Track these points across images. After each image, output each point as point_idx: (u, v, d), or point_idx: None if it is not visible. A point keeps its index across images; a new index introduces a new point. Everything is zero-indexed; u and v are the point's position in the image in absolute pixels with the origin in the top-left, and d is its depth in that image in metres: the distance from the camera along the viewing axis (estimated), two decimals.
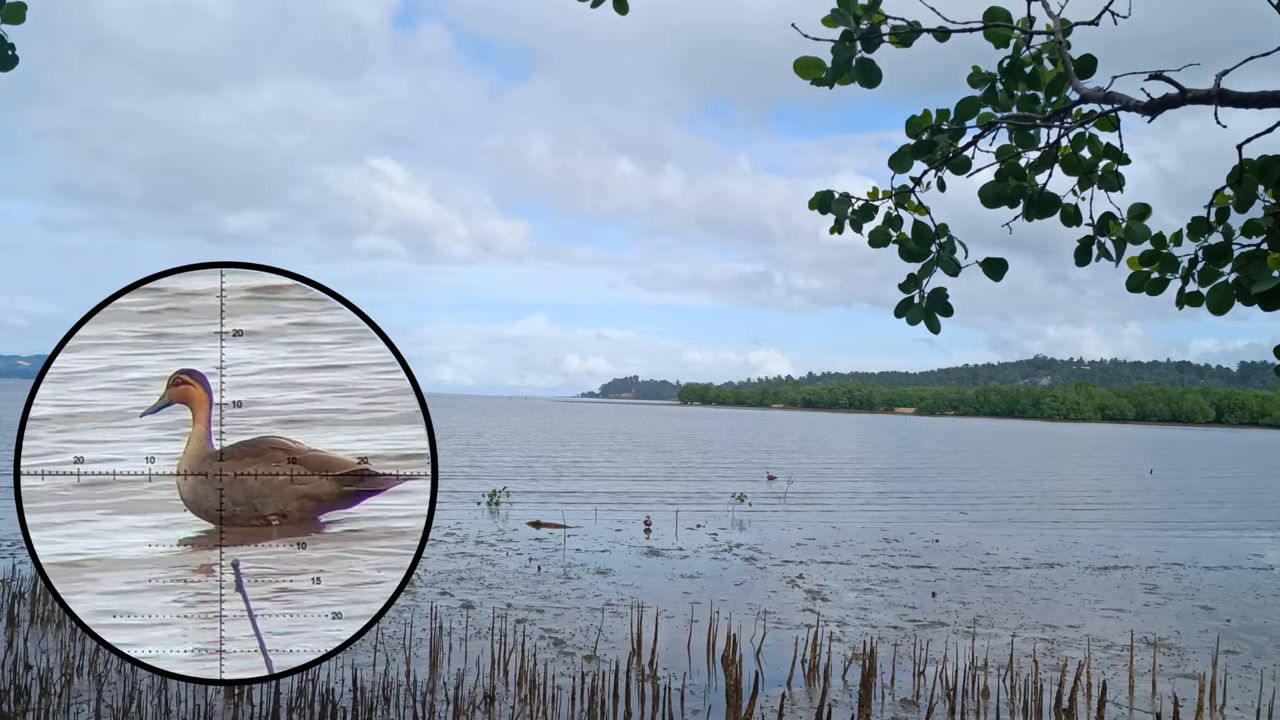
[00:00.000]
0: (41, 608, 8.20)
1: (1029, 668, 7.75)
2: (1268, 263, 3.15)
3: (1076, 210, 3.81)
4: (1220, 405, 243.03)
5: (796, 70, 3.63)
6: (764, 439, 63.44)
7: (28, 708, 5.85)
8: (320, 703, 5.86)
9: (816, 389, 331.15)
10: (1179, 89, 3.36)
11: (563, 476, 27.68)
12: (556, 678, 7.01)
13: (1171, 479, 36.48)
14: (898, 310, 3.80)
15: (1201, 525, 20.80)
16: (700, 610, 9.69)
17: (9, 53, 3.70)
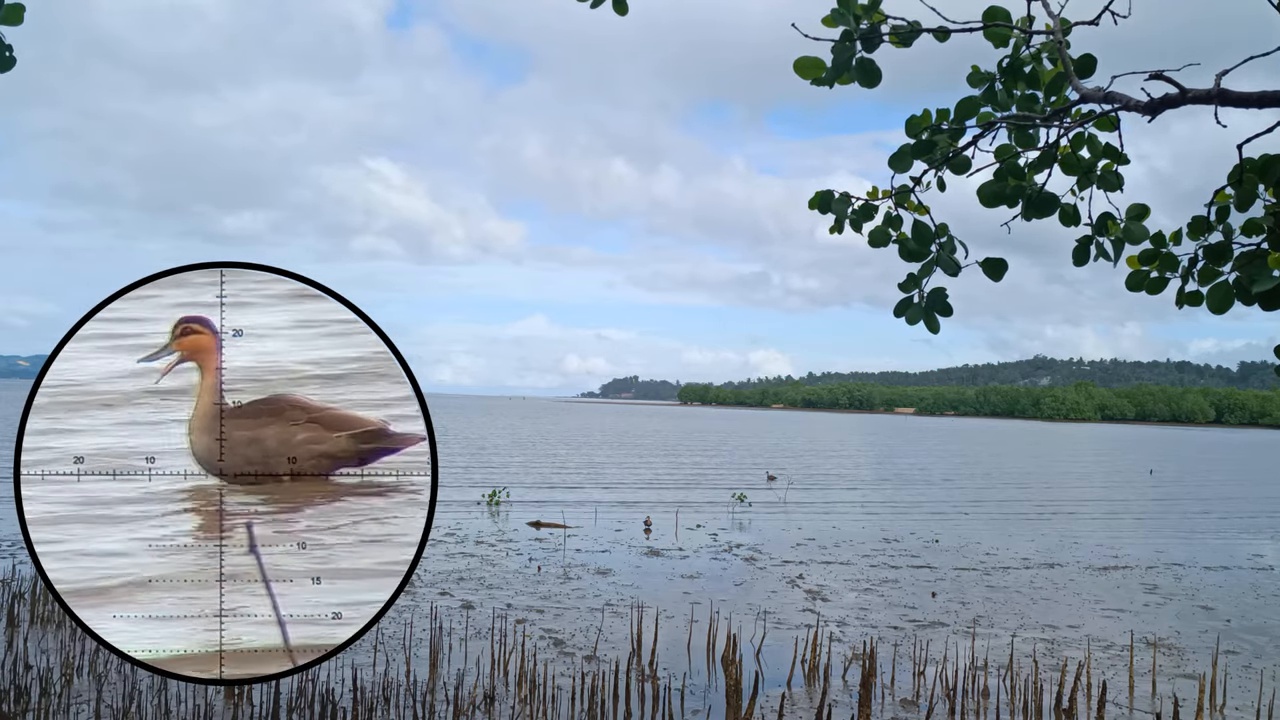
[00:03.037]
0: (41, 608, 8.20)
1: (1029, 668, 7.75)
2: (1268, 262, 3.14)
3: (1075, 210, 3.81)
4: (1220, 405, 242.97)
5: (796, 70, 3.63)
6: (764, 439, 63.42)
7: (28, 708, 5.85)
8: (320, 703, 5.86)
9: (816, 389, 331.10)
10: (1179, 89, 3.36)
11: (562, 477, 27.67)
12: (556, 678, 7.00)
13: (1171, 479, 36.47)
14: (897, 310, 3.80)
15: (1201, 525, 20.80)
16: (700, 610, 9.69)
17: (7, 54, 3.70)
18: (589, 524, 16.83)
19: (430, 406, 3.51)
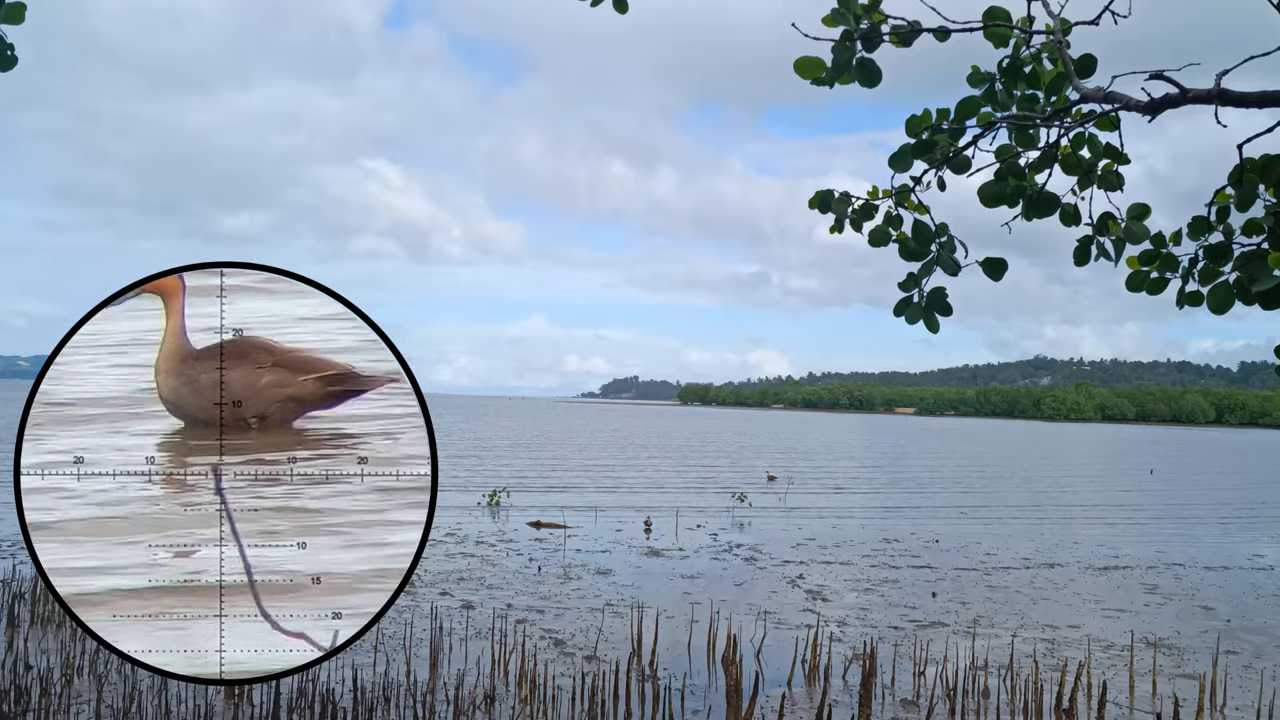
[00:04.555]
0: (41, 608, 8.20)
1: (1029, 668, 7.74)
2: (1268, 262, 3.14)
3: (1076, 210, 3.81)
4: (1220, 405, 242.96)
5: (797, 70, 3.63)
6: (764, 439, 63.41)
7: (28, 708, 5.85)
8: (320, 703, 5.86)
9: (817, 389, 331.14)
10: (1179, 89, 3.36)
11: (563, 477, 27.67)
12: (557, 678, 7.00)
13: (1172, 479, 36.47)
14: (897, 309, 3.80)
15: (1201, 525, 20.80)
16: (700, 610, 9.68)
17: (8, 53, 3.70)
18: (589, 524, 16.83)
19: (430, 407, 3.51)
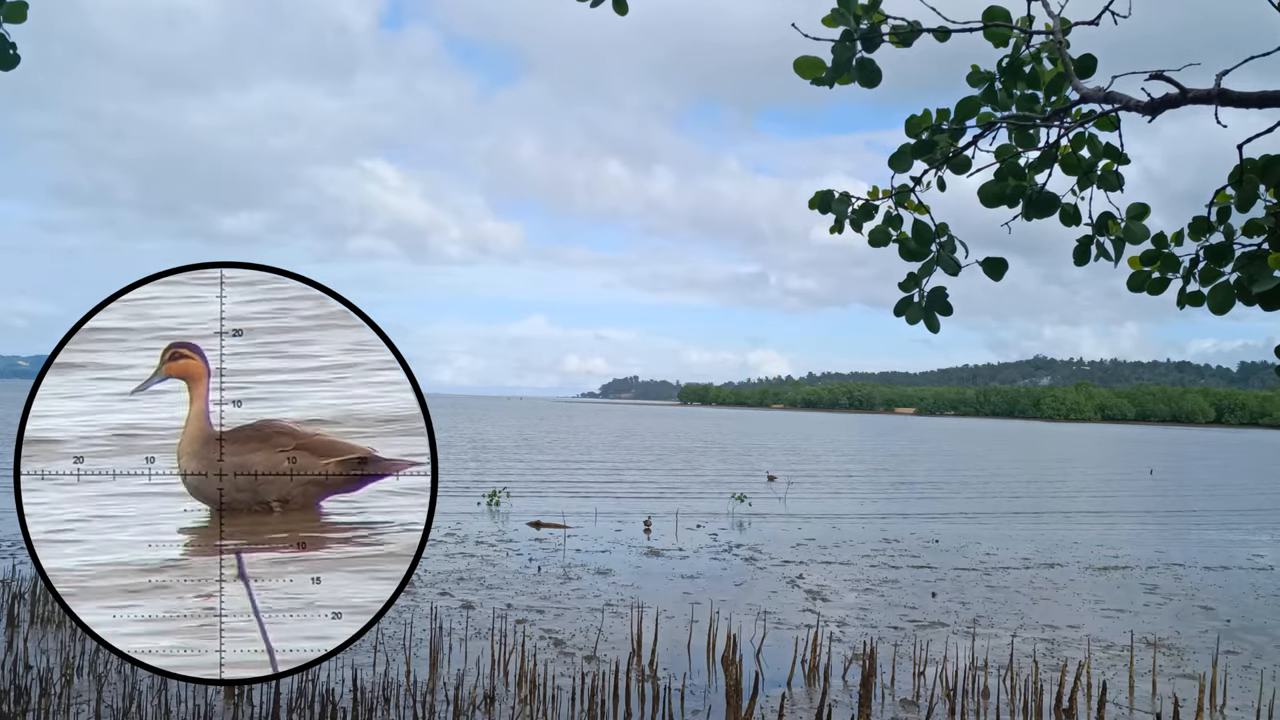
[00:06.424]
0: (41, 608, 8.20)
1: (1029, 668, 7.74)
2: (1269, 262, 3.15)
3: (1075, 210, 3.81)
4: (1220, 405, 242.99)
5: (797, 70, 3.63)
6: (764, 439, 63.41)
7: (28, 708, 5.85)
8: (320, 703, 5.86)
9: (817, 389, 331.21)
10: (1179, 89, 3.36)
11: (563, 477, 27.67)
12: (556, 678, 7.00)
13: (1172, 479, 36.47)
14: (897, 309, 3.80)
15: (1201, 526, 20.80)
16: (700, 610, 9.68)
17: (11, 52, 3.70)
18: (589, 524, 16.83)
19: (430, 407, 3.51)
